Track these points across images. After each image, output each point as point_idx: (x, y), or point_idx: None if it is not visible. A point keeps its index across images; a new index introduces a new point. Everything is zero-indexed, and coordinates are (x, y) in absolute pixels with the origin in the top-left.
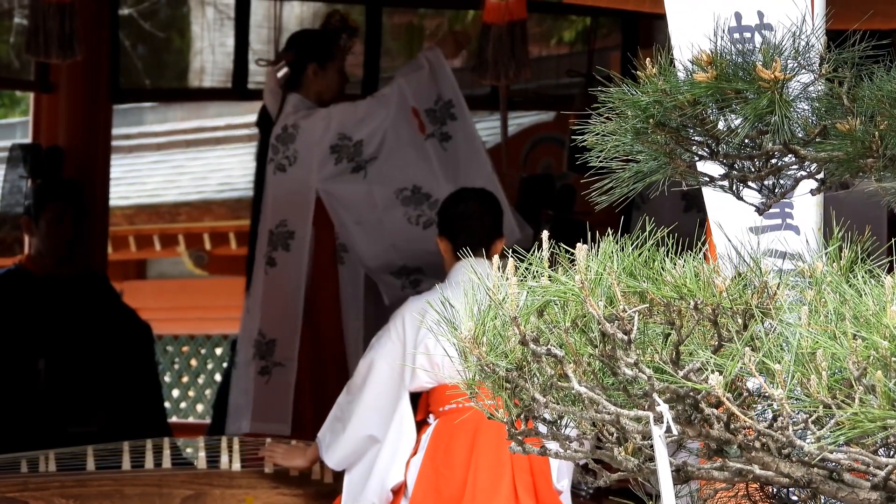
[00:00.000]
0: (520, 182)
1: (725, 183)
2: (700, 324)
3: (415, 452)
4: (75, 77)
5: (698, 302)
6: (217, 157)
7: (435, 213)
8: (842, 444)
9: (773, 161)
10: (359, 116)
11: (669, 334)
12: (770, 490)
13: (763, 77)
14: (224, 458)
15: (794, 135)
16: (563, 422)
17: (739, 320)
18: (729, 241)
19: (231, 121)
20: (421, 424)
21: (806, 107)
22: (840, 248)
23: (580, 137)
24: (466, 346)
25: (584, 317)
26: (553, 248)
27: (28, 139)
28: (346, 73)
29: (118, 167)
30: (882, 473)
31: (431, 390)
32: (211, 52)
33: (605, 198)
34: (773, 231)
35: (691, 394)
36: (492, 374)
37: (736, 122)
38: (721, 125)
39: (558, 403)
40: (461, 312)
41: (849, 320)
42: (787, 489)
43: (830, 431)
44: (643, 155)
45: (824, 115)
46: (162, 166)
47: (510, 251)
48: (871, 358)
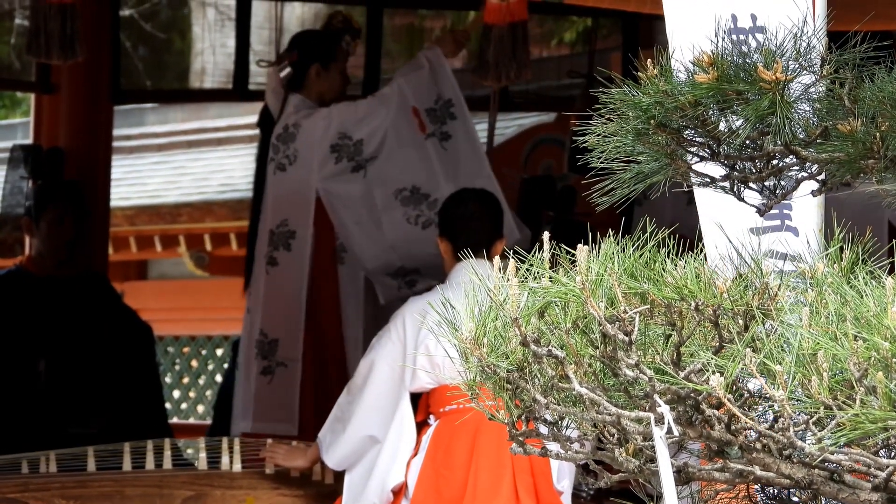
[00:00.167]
0: (520, 183)
1: (726, 184)
2: (701, 325)
3: (415, 453)
4: (76, 78)
5: (699, 303)
6: (218, 158)
7: (434, 214)
8: (843, 446)
9: (774, 162)
10: (359, 116)
11: (670, 335)
12: (771, 491)
13: (764, 78)
14: (225, 459)
15: (795, 136)
16: (564, 423)
17: (740, 321)
18: (730, 241)
19: (232, 122)
20: (421, 425)
21: (807, 108)
22: (841, 249)
23: (581, 138)
24: (467, 347)
25: (585, 318)
26: (554, 249)
27: (29, 140)
28: (348, 75)
29: (119, 168)
30: (883, 475)
31: (432, 391)
32: (212, 53)
33: (606, 199)
34: (773, 232)
35: (692, 395)
36: (493, 375)
37: (737, 123)
38: (722, 126)
39: (559, 404)
40: (462, 313)
41: (850, 321)
42: (788, 490)
43: (831, 433)
44: (644, 156)
45: (825, 117)
46: (163, 167)
47: (511, 252)
48: (872, 359)
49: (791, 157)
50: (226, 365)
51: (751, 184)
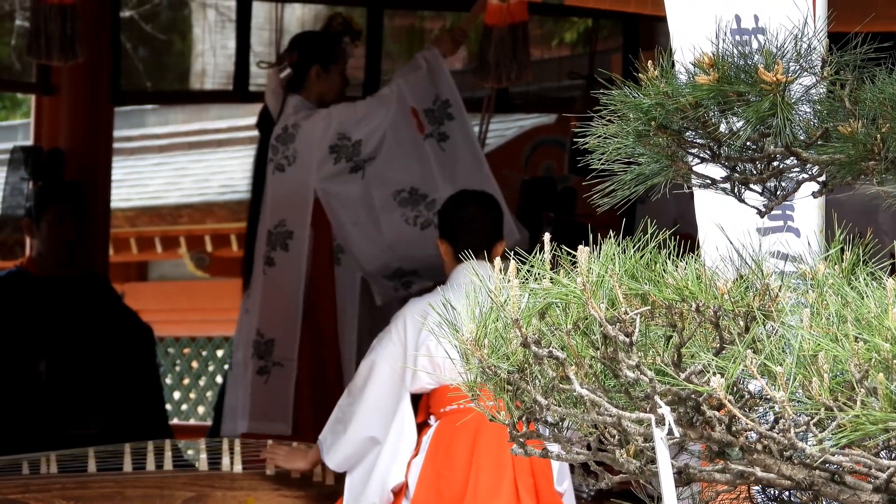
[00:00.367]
0: (521, 184)
1: (727, 185)
2: (702, 326)
3: (416, 453)
4: (77, 79)
5: (700, 304)
6: (218, 160)
7: (432, 214)
8: (843, 447)
9: (775, 163)
10: (359, 116)
11: (671, 336)
12: (772, 492)
13: (765, 80)
14: (225, 460)
15: (795, 137)
16: (565, 424)
17: (741, 322)
18: (730, 242)
19: (232, 123)
20: (422, 426)
21: (808, 109)
22: (842, 250)
23: (581, 140)
24: (468, 348)
25: (586, 319)
26: (555, 250)
27: (29, 141)
28: (347, 76)
29: (119, 169)
30: (884, 476)
31: (432, 392)
32: (212, 55)
33: (606, 200)
34: (775, 233)
35: (693, 396)
36: (493, 376)
37: (738, 125)
38: (723, 128)
39: (560, 406)
40: (463, 314)
41: (850, 323)
42: (789, 491)
43: (832, 434)
44: (645, 157)
45: (826, 118)
46: (163, 168)
47: (512, 253)
48: (873, 360)
49: (792, 158)
50: (226, 366)
51: (751, 185)
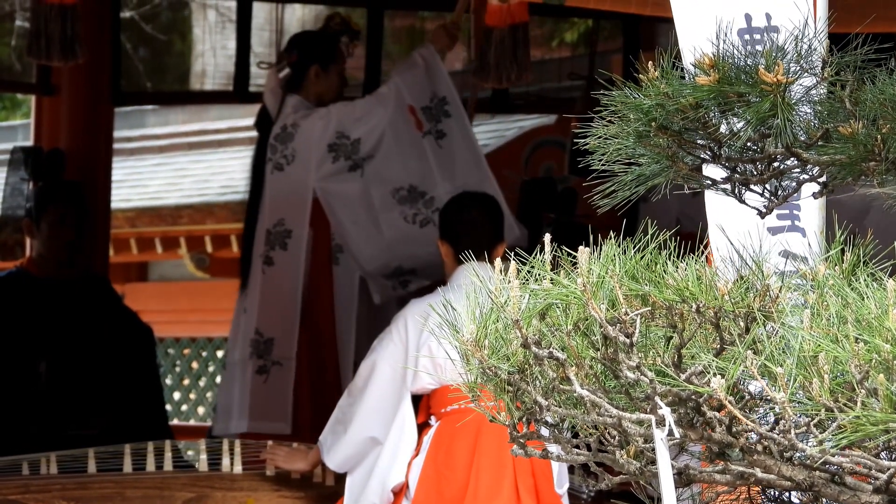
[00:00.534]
0: (521, 185)
1: (728, 186)
2: (702, 327)
3: (416, 454)
4: (77, 80)
5: (700, 305)
6: (219, 160)
7: (431, 212)
8: (844, 448)
9: (776, 164)
10: (357, 115)
11: (671, 337)
12: (772, 493)
13: (765, 80)
14: (225, 461)
15: (796, 138)
16: (565, 425)
17: (741, 323)
18: (731, 243)
19: (233, 123)
20: (422, 426)
21: (808, 110)
22: (842, 251)
23: (582, 141)
24: (468, 349)
25: (587, 320)
26: (555, 251)
27: (29, 142)
28: (346, 77)
29: (120, 170)
30: (884, 477)
31: (433, 392)
32: (212, 55)
33: (606, 201)
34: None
35: (693, 397)
36: (494, 376)
37: (738, 126)
38: (723, 128)
39: (560, 406)
40: (463, 315)
41: (851, 323)
42: (789, 492)
43: (832, 435)
44: (645, 158)
45: (826, 119)
46: (163, 169)
47: (512, 254)
48: (873, 361)
49: (792, 159)
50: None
51: (752, 186)
